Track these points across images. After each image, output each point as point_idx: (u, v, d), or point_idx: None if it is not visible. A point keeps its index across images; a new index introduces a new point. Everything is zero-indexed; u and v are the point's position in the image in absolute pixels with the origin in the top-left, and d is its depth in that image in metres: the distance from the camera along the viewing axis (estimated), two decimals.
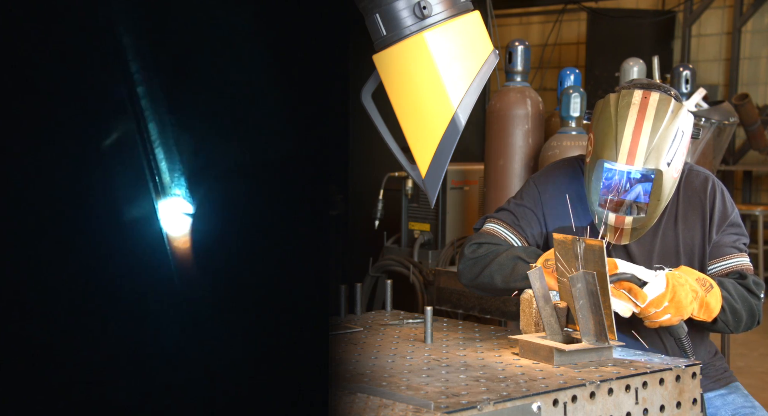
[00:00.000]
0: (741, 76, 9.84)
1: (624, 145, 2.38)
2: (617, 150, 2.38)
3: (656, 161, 2.37)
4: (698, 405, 2.13)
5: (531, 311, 2.31)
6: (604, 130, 2.43)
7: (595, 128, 2.47)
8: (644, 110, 2.40)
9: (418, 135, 1.95)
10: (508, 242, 2.59)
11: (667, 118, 2.40)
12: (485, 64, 1.93)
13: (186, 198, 1.35)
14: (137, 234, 1.31)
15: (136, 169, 1.30)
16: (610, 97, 2.48)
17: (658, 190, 2.40)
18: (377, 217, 5.16)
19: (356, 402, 1.82)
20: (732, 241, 2.55)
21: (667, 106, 2.41)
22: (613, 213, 2.44)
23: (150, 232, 1.32)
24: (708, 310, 2.36)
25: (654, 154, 2.37)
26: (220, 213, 1.37)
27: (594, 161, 2.44)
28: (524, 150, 4.40)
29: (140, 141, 1.30)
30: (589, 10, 9.99)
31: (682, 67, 5.30)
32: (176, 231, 1.34)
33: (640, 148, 2.37)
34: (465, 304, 4.07)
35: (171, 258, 1.34)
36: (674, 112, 2.41)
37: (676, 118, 2.40)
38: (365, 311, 2.77)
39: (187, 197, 1.35)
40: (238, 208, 1.37)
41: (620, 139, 2.39)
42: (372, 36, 1.94)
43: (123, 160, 1.30)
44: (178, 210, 1.36)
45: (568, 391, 1.91)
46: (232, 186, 1.38)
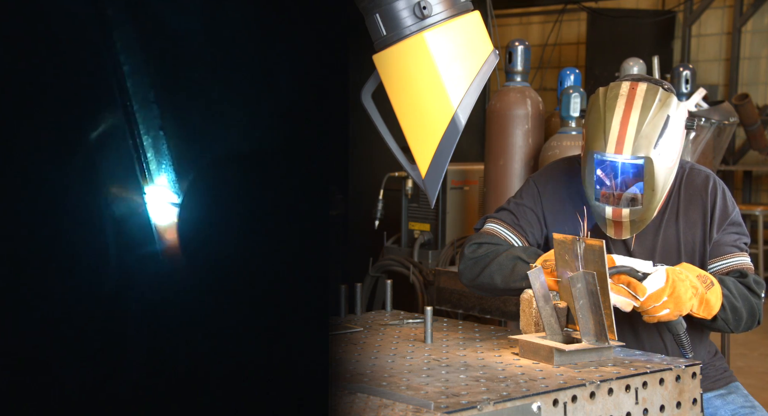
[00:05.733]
0: (741, 76, 9.85)
1: (612, 134, 2.38)
2: (606, 140, 2.39)
3: (646, 149, 2.37)
4: (698, 405, 2.13)
5: (531, 311, 2.31)
6: (594, 123, 2.43)
7: (586, 122, 2.48)
8: (632, 100, 2.41)
9: (418, 135, 1.95)
10: (509, 242, 2.59)
11: (655, 106, 2.39)
12: (485, 64, 1.93)
13: (186, 198, 1.35)
14: (127, 231, 1.31)
15: (128, 169, 1.30)
16: (599, 90, 2.49)
17: (651, 179, 2.39)
18: (377, 217, 5.15)
19: (356, 402, 1.82)
20: (733, 240, 2.55)
21: (654, 95, 2.41)
22: (609, 207, 2.44)
23: (141, 231, 1.32)
24: (708, 307, 2.35)
25: (643, 142, 2.37)
26: (220, 214, 1.37)
27: (585, 154, 2.44)
28: (524, 150, 4.40)
29: (134, 150, 1.30)
30: (589, 10, 9.99)
31: (682, 67, 5.31)
32: (174, 231, 1.34)
33: (628, 137, 2.37)
34: (465, 304, 4.07)
35: (170, 258, 1.34)
36: (662, 101, 2.41)
37: (664, 106, 2.40)
38: (365, 311, 2.77)
39: (187, 197, 1.35)
40: (238, 209, 1.37)
41: (608, 129, 2.39)
42: (372, 36, 1.94)
43: (112, 153, 1.29)
44: (178, 211, 1.36)
45: (568, 391, 1.91)
46: (233, 187, 1.38)
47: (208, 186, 1.37)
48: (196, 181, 1.36)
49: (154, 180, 1.34)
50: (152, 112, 1.32)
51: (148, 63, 1.32)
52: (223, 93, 1.37)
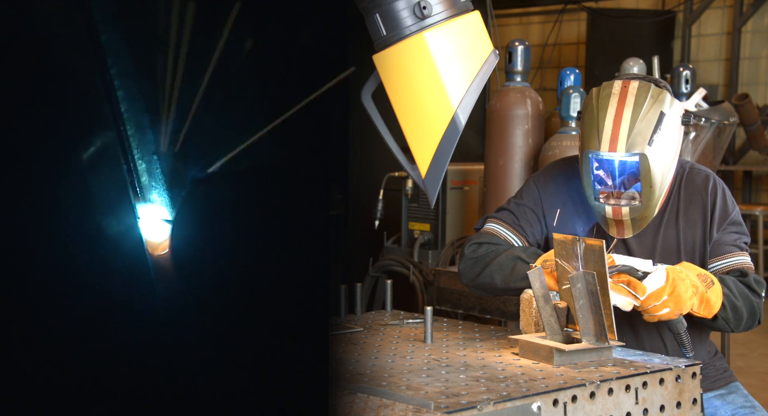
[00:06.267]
0: (741, 76, 9.84)
1: (606, 133, 2.38)
2: (600, 139, 2.39)
3: (641, 146, 2.37)
4: (698, 405, 2.13)
5: (531, 311, 2.31)
6: (588, 123, 2.43)
7: (581, 123, 2.48)
8: (624, 98, 2.41)
9: (418, 135, 1.95)
10: (509, 242, 2.59)
11: (647, 102, 2.39)
12: (485, 64, 1.93)
13: (187, 199, 1.35)
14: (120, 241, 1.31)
15: (118, 181, 1.30)
16: (593, 90, 2.49)
17: (648, 176, 2.39)
18: (377, 217, 5.15)
19: (356, 402, 1.81)
20: (733, 240, 2.55)
21: (646, 92, 2.41)
22: (609, 206, 2.44)
23: (134, 236, 1.32)
24: (708, 306, 2.35)
25: (638, 139, 2.37)
26: (221, 214, 1.37)
27: (581, 155, 2.44)
28: (524, 150, 4.40)
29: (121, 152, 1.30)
30: (589, 10, 9.99)
31: (682, 67, 5.31)
32: (176, 228, 1.34)
33: (622, 134, 2.37)
34: (465, 304, 4.07)
35: (170, 255, 1.34)
36: (654, 97, 2.41)
37: (657, 102, 2.40)
38: (365, 311, 2.77)
39: (187, 198, 1.35)
40: (238, 209, 1.37)
41: (602, 127, 2.39)
42: (372, 36, 1.94)
43: (106, 169, 1.30)
44: (179, 208, 1.36)
45: (568, 391, 1.91)
46: (233, 186, 1.38)
47: (208, 185, 1.37)
48: (196, 181, 1.36)
49: (153, 179, 1.34)
50: (146, 126, 1.32)
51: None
52: (224, 91, 1.37)
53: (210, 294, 1.33)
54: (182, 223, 1.35)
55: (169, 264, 1.34)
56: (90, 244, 1.26)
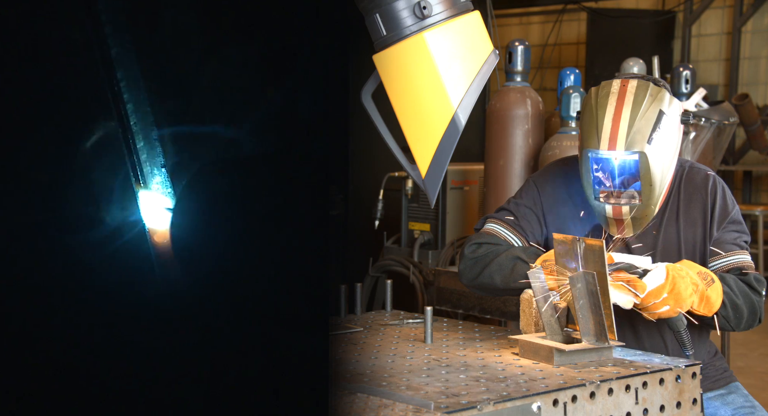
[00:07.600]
0: (741, 76, 9.84)
1: (605, 131, 2.39)
2: (599, 137, 2.39)
3: (640, 144, 2.37)
4: (698, 405, 2.13)
5: (531, 311, 2.31)
6: (587, 122, 2.44)
7: (580, 123, 2.49)
8: (623, 97, 2.41)
9: (418, 135, 1.95)
10: (509, 242, 2.59)
11: (646, 101, 2.39)
12: (485, 64, 1.93)
13: (184, 199, 1.35)
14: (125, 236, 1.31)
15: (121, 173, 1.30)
16: (591, 90, 2.50)
17: (648, 174, 2.39)
18: (377, 217, 5.15)
19: (356, 402, 1.81)
20: (733, 238, 2.55)
21: (645, 90, 2.41)
22: (609, 205, 2.44)
23: (137, 231, 1.32)
24: (708, 304, 2.35)
25: (637, 138, 2.37)
26: (220, 214, 1.37)
27: (581, 154, 2.44)
28: (524, 150, 4.40)
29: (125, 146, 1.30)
30: (589, 10, 9.99)
31: (682, 67, 5.31)
32: (173, 231, 1.34)
33: (621, 133, 2.37)
34: (465, 304, 4.07)
35: (169, 258, 1.34)
36: (653, 96, 2.41)
37: (656, 101, 2.40)
38: (365, 311, 2.77)
39: (186, 197, 1.35)
40: (238, 209, 1.37)
41: (601, 126, 2.39)
42: (372, 36, 1.94)
43: (108, 161, 1.30)
44: (176, 209, 1.36)
45: (568, 391, 1.91)
46: (233, 186, 1.38)
47: (207, 186, 1.37)
48: (195, 181, 1.36)
49: (150, 182, 1.34)
50: (148, 116, 1.32)
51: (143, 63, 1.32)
52: (221, 94, 1.37)
53: (210, 296, 1.33)
54: (182, 222, 1.35)
55: (168, 265, 1.34)
56: (92, 232, 1.26)
